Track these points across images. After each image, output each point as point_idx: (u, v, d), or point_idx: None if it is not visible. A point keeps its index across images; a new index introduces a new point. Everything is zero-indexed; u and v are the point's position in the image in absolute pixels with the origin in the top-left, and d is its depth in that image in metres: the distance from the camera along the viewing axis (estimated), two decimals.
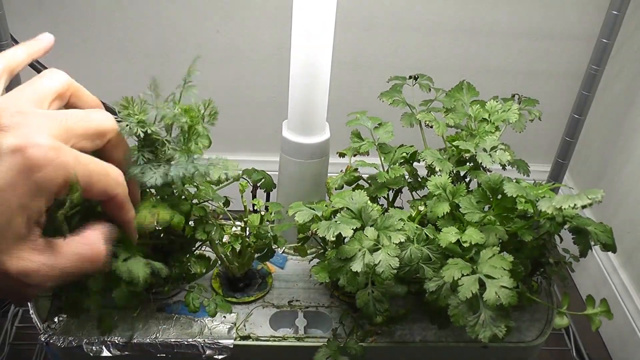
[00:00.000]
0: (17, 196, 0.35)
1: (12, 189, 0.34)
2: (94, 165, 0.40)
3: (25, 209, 0.35)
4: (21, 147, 0.35)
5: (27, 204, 0.35)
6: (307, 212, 0.60)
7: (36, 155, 0.35)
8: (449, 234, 0.56)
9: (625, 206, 1.15)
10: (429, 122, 0.68)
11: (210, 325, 0.65)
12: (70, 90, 0.44)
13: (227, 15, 1.15)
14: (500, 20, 1.18)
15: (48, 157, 0.36)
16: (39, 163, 0.35)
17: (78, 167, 0.38)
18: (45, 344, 0.62)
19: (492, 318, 0.52)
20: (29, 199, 0.35)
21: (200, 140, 0.52)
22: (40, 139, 0.36)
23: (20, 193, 0.35)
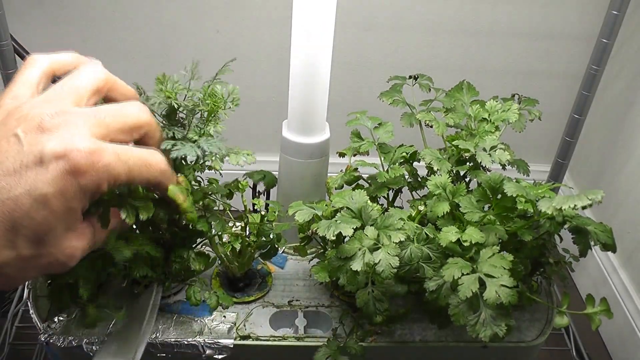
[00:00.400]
0: (66, 200, 0.37)
1: (61, 194, 0.37)
2: (135, 159, 0.41)
3: (73, 210, 0.38)
4: (65, 153, 0.37)
5: (75, 206, 0.38)
6: (307, 211, 0.60)
7: (80, 160, 0.37)
8: (449, 233, 0.56)
9: (625, 206, 1.15)
10: (429, 122, 0.68)
11: (210, 324, 0.65)
12: (107, 84, 0.45)
13: (227, 15, 1.15)
14: (500, 20, 1.18)
15: (91, 161, 0.37)
16: (82, 169, 0.37)
17: (119, 166, 0.40)
18: (45, 343, 0.62)
19: (492, 317, 0.52)
20: (76, 202, 0.38)
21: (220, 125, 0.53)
22: (82, 142, 0.38)
23: (68, 198, 0.37)
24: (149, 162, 0.43)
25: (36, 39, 1.13)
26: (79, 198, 0.38)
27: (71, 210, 0.38)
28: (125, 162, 0.40)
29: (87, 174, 0.37)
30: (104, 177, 0.38)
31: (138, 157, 0.42)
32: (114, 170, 0.39)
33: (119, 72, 0.47)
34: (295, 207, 0.61)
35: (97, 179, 0.38)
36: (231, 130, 1.34)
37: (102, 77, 0.44)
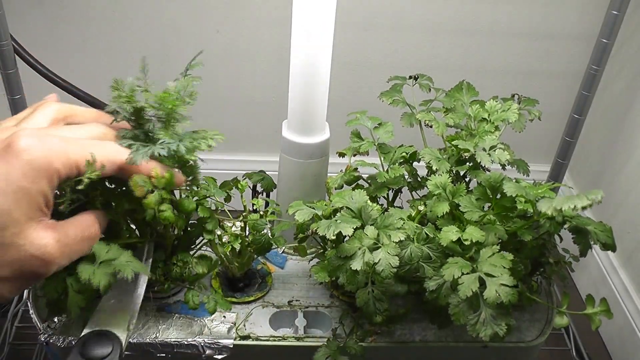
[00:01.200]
0: (15, 180, 0.37)
1: (6, 174, 0.37)
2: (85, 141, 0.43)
3: (27, 192, 0.38)
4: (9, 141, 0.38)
5: (27, 187, 0.38)
6: (307, 211, 0.60)
7: (22, 141, 0.38)
8: (450, 233, 0.56)
9: (625, 206, 1.15)
10: (429, 122, 0.68)
11: (210, 325, 0.65)
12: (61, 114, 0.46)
13: (227, 15, 1.15)
14: (500, 20, 1.18)
15: (34, 140, 0.39)
16: (25, 147, 0.38)
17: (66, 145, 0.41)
18: (45, 343, 0.62)
19: (492, 316, 0.52)
20: (28, 182, 0.38)
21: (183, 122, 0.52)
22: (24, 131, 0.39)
23: (17, 177, 0.38)
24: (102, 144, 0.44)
25: (36, 39, 1.13)
26: (29, 178, 0.38)
27: (24, 192, 0.38)
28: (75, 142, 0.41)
29: (31, 151, 0.38)
30: (53, 154, 0.39)
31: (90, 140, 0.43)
32: (59, 147, 0.40)
33: (119, 72, 0.47)
34: (295, 206, 0.61)
35: (45, 155, 0.39)
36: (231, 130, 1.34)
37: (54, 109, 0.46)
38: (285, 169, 0.75)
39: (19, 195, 0.38)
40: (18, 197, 0.38)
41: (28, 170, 0.38)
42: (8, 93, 0.91)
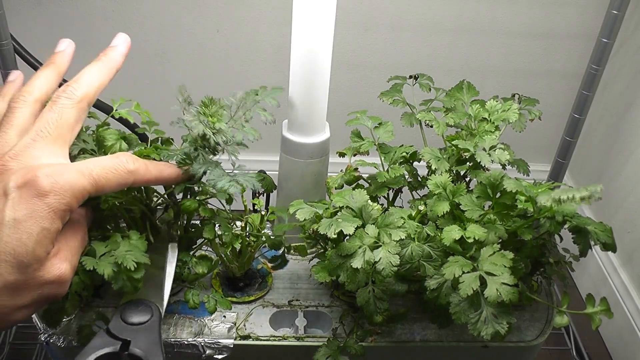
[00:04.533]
0: (36, 222, 0.40)
1: (30, 216, 0.40)
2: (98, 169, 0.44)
3: (48, 231, 0.41)
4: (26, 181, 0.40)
5: (49, 227, 0.41)
6: (308, 209, 0.60)
7: (40, 183, 0.40)
8: (452, 232, 0.56)
9: (625, 206, 1.15)
10: (429, 122, 0.68)
11: (210, 324, 0.65)
12: None
13: (227, 15, 1.15)
14: (500, 20, 1.18)
15: (51, 181, 0.40)
16: (45, 189, 0.40)
17: (82, 179, 0.42)
18: (45, 343, 0.62)
19: (493, 315, 0.52)
20: (48, 222, 0.40)
21: None
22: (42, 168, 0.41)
23: (38, 219, 0.40)
24: (114, 168, 0.45)
25: (36, 39, 1.13)
26: (50, 218, 0.40)
27: (44, 231, 0.40)
28: (88, 175, 0.43)
29: (51, 194, 0.40)
30: (69, 193, 0.41)
31: (101, 166, 0.44)
32: (77, 185, 0.42)
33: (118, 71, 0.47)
34: (296, 205, 0.61)
35: (62, 196, 0.41)
36: None
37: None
38: (285, 168, 0.75)
39: (42, 235, 0.40)
40: (40, 237, 0.40)
41: (50, 213, 0.40)
42: None
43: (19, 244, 0.39)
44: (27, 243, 0.39)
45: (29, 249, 0.39)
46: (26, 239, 0.39)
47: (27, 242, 0.39)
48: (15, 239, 0.39)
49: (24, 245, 0.39)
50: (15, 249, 0.39)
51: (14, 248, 0.39)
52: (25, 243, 0.39)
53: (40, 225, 0.40)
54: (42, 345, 0.77)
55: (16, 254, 0.39)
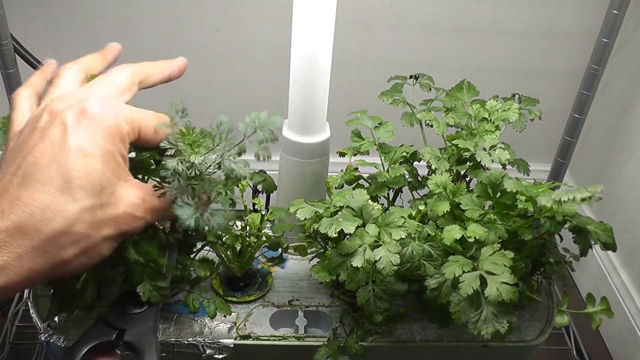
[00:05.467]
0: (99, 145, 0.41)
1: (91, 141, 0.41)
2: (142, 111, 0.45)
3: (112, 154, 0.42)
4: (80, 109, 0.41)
5: (111, 149, 0.42)
6: (308, 209, 0.60)
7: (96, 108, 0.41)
8: (453, 231, 0.56)
9: (626, 205, 1.15)
10: (429, 122, 0.68)
11: (210, 324, 0.65)
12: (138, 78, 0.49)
13: (228, 15, 1.15)
14: (500, 19, 1.18)
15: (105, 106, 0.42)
16: (101, 113, 0.41)
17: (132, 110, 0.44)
18: (45, 343, 0.62)
19: (494, 314, 0.52)
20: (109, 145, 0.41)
21: None
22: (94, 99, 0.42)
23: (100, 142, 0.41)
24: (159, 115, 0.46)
25: (36, 39, 1.13)
26: (110, 140, 0.41)
27: (108, 154, 0.41)
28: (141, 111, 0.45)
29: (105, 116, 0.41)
30: (121, 117, 0.43)
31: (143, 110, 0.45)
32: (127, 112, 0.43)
33: None
34: (297, 205, 0.61)
35: (115, 119, 0.42)
36: None
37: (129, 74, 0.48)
38: (285, 168, 0.75)
39: (106, 157, 0.41)
40: (106, 159, 0.41)
41: (107, 135, 0.41)
42: (8, 92, 0.91)
43: (89, 168, 0.40)
44: (96, 166, 0.40)
45: (99, 172, 0.40)
46: (94, 162, 0.40)
47: (96, 166, 0.40)
48: (85, 164, 0.40)
49: (93, 169, 0.40)
50: (87, 172, 0.40)
51: (86, 172, 0.40)
52: (94, 167, 0.40)
53: (103, 148, 0.41)
54: (42, 345, 0.77)
55: (89, 177, 0.40)
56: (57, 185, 0.39)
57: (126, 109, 0.44)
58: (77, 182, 0.40)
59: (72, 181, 0.40)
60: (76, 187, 0.40)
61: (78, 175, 0.40)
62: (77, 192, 0.40)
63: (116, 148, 0.42)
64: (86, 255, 0.42)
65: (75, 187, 0.40)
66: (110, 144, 0.42)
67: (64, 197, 0.39)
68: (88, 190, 0.40)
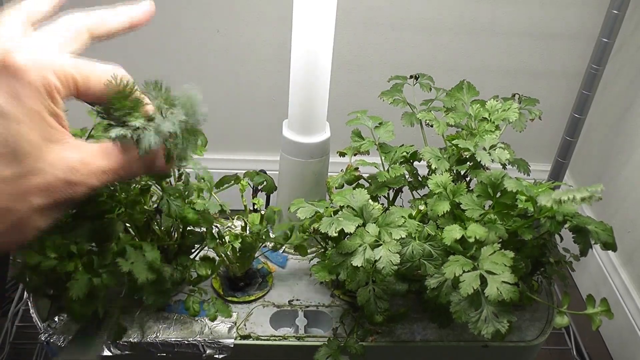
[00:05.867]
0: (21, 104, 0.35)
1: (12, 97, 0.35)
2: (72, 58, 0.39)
3: (38, 113, 0.36)
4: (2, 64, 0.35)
5: (36, 108, 0.36)
6: (309, 208, 0.60)
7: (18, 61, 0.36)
8: (453, 231, 0.56)
9: (626, 205, 1.15)
10: (430, 122, 0.68)
11: (210, 324, 0.65)
12: None
13: (228, 15, 1.15)
14: (500, 19, 1.18)
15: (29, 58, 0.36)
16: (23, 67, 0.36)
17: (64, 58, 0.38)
18: (45, 343, 0.62)
19: (494, 314, 0.52)
20: (35, 103, 0.36)
21: None
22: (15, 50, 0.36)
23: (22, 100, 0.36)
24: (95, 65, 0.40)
25: None
26: (36, 97, 0.36)
27: (34, 113, 0.36)
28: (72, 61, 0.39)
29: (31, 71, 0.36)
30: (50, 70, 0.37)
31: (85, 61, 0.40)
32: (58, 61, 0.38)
33: None
34: (297, 204, 0.61)
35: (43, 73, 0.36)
36: (232, 129, 1.33)
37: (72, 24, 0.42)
38: (285, 168, 0.75)
39: (31, 118, 0.36)
40: (31, 120, 0.36)
41: (32, 92, 0.36)
42: None
43: (8, 131, 0.35)
44: (17, 128, 0.35)
45: (21, 135, 0.35)
46: (16, 124, 0.35)
47: (17, 127, 0.35)
48: (3, 126, 0.35)
49: (14, 132, 0.35)
50: (6, 138, 0.35)
51: (5, 137, 0.35)
52: (14, 130, 0.35)
53: (27, 107, 0.36)
54: (42, 345, 0.77)
55: (8, 143, 0.35)
56: None
57: (59, 61, 0.38)
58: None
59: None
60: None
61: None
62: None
63: (44, 106, 0.37)
64: (16, 230, 0.37)
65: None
66: (36, 102, 0.36)
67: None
68: (8, 158, 0.35)
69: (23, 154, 0.35)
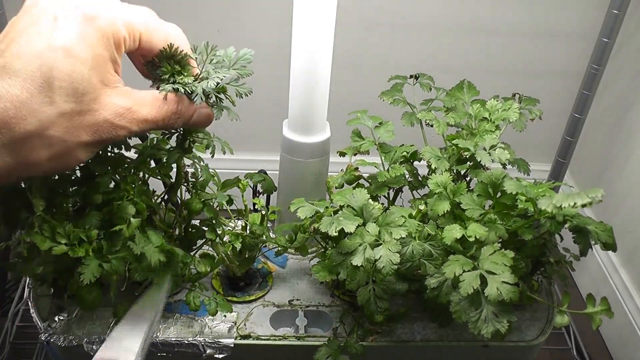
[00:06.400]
0: (88, 47, 0.38)
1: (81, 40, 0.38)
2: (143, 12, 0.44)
3: (102, 58, 0.39)
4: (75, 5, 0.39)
5: (102, 53, 0.39)
6: (309, 208, 0.60)
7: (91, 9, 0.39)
8: (454, 231, 0.56)
9: (626, 205, 1.15)
10: (430, 121, 0.68)
11: (210, 324, 0.65)
12: None
13: (228, 15, 1.15)
14: (500, 19, 1.18)
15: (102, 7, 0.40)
16: (95, 14, 0.39)
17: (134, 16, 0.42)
18: (45, 343, 0.62)
19: (494, 314, 0.52)
20: (102, 48, 0.39)
21: None
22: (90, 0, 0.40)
23: (90, 43, 0.38)
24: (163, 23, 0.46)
25: None
26: (102, 44, 0.39)
27: (99, 58, 0.39)
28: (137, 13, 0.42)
29: (100, 18, 0.39)
30: (118, 20, 0.40)
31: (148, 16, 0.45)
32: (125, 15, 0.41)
33: None
34: (297, 203, 0.61)
35: (111, 21, 0.40)
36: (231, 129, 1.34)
37: None
38: (285, 168, 0.75)
39: (96, 61, 0.39)
40: (95, 63, 0.39)
41: (100, 37, 0.39)
42: None
43: (73, 70, 0.37)
44: (82, 69, 0.38)
45: (84, 75, 0.38)
46: (80, 64, 0.38)
47: (82, 68, 0.38)
48: (70, 63, 0.37)
49: (78, 71, 0.38)
50: (70, 74, 0.37)
51: (69, 74, 0.37)
52: (79, 69, 0.38)
53: (93, 50, 0.38)
54: (43, 345, 0.77)
55: (72, 80, 0.37)
56: (37, 84, 0.37)
57: (127, 14, 0.41)
58: (58, 83, 0.37)
59: (53, 82, 0.37)
60: (56, 89, 0.37)
61: (60, 76, 0.37)
62: (56, 93, 0.37)
63: (108, 53, 0.40)
64: (60, 159, 0.40)
65: (56, 88, 0.37)
66: (102, 48, 0.39)
67: (41, 96, 0.37)
68: (69, 94, 0.38)
69: (82, 93, 0.38)
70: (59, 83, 0.37)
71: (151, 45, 0.44)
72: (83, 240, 0.52)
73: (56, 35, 0.37)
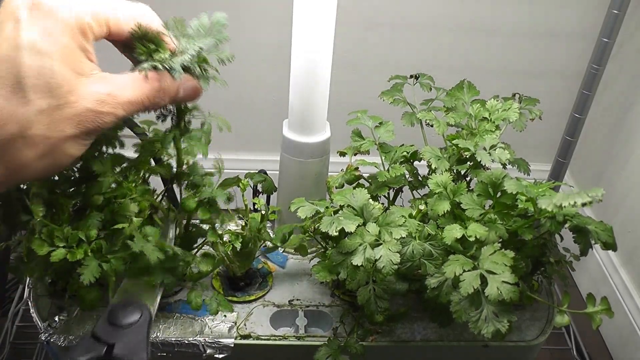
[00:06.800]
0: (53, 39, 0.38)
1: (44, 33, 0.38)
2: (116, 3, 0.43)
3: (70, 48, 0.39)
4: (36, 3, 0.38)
5: (68, 43, 0.39)
6: (309, 207, 0.60)
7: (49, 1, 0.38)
8: (454, 231, 0.56)
9: (626, 205, 1.15)
10: (430, 121, 0.68)
11: (210, 324, 0.65)
12: None
13: (228, 15, 1.15)
14: (501, 19, 1.18)
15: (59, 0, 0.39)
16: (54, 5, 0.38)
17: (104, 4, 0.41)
18: (45, 343, 0.62)
19: (494, 314, 0.52)
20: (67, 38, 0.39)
21: None
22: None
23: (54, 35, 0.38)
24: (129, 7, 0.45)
25: None
26: (67, 33, 0.39)
27: (66, 49, 0.39)
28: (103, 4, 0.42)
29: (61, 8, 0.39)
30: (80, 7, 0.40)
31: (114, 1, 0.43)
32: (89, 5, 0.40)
33: (119, 69, 0.46)
34: (298, 203, 0.61)
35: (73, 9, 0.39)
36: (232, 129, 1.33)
37: None
38: (286, 168, 0.75)
39: (64, 53, 0.38)
40: (63, 55, 0.38)
41: (64, 28, 0.39)
42: None
43: (42, 66, 0.37)
44: (51, 63, 0.38)
45: (54, 68, 0.38)
46: (48, 58, 0.38)
47: (50, 62, 0.38)
48: (37, 60, 0.37)
49: (47, 66, 0.38)
50: (39, 70, 0.37)
51: (38, 70, 0.37)
52: (48, 63, 0.38)
53: (59, 42, 0.38)
54: (43, 345, 0.77)
55: (42, 76, 0.37)
56: (9, 87, 0.37)
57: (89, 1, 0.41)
58: (30, 81, 0.37)
59: (25, 81, 0.37)
60: (29, 88, 0.37)
61: (31, 74, 0.37)
62: (30, 92, 0.37)
63: (75, 42, 0.39)
64: (49, 157, 0.39)
65: (28, 88, 0.37)
66: (68, 38, 0.39)
67: (16, 98, 0.37)
68: (43, 90, 0.38)
69: (56, 87, 0.38)
70: (30, 81, 0.37)
71: (121, 29, 0.44)
72: (82, 240, 0.52)
73: (21, 36, 0.37)
